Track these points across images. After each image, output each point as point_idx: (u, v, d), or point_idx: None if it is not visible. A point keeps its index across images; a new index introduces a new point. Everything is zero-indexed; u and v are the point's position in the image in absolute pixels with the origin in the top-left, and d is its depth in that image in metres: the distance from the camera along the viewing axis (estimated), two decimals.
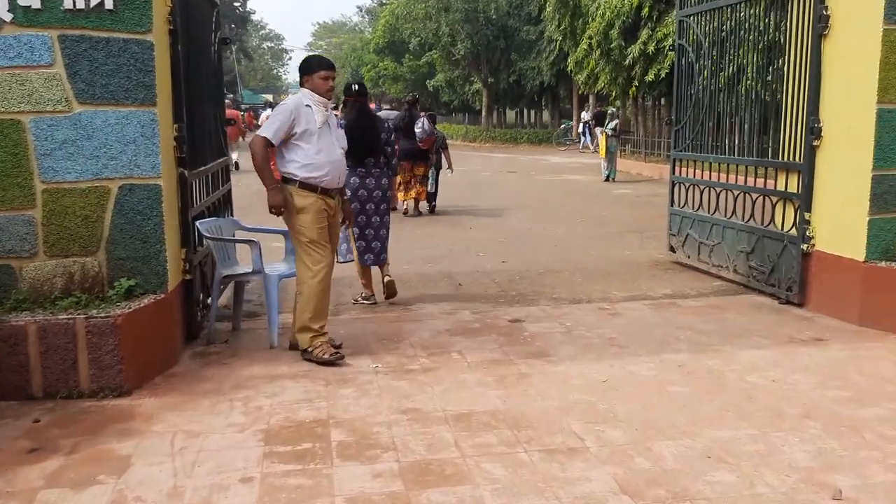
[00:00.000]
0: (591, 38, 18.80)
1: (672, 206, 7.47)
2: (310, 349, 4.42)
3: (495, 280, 6.77)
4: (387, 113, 13.82)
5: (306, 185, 4.41)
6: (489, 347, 4.66)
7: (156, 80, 4.18)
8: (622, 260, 7.69)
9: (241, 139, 21.55)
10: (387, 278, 5.83)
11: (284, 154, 4.43)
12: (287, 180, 4.44)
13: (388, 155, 5.67)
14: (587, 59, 19.63)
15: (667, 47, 16.13)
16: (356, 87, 5.70)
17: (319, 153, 4.40)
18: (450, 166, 11.97)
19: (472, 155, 28.39)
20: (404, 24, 36.22)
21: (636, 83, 17.87)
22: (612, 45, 18.03)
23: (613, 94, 19.69)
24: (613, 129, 16.34)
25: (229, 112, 21.41)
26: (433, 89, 42.86)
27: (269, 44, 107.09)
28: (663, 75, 16.65)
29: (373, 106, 18.62)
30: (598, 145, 16.42)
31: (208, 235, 4.78)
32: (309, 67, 4.53)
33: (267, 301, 4.75)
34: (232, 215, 6.47)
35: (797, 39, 5.45)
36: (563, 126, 32.77)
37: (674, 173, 7.49)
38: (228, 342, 4.90)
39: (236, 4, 69.43)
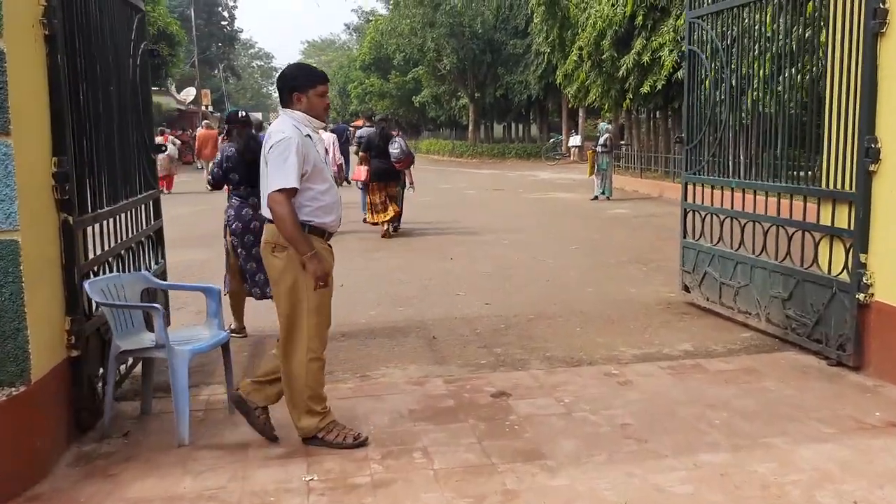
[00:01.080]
0: (581, 49, 17.82)
1: (685, 237, 6.41)
2: (323, 436, 3.50)
3: (476, 330, 5.68)
4: (366, 131, 13.04)
5: (317, 231, 3.54)
6: (465, 442, 3.56)
7: (8, 100, 3.09)
8: (626, 300, 6.61)
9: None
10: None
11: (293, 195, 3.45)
12: None
13: None
14: (577, 71, 18.64)
15: (663, 57, 15.19)
16: (242, 114, 5.58)
17: (328, 192, 3.57)
18: (411, 184, 11.09)
19: (458, 171, 27.41)
20: (389, 39, 35.34)
21: (630, 95, 16.88)
22: (603, 56, 17.04)
23: (605, 106, 18.70)
24: (604, 145, 15.35)
25: (206, 133, 20.41)
26: (419, 105, 42.01)
27: (258, 62, 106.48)
28: (659, 86, 15.68)
29: (359, 123, 17.68)
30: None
31: (100, 300, 3.67)
32: (301, 82, 3.55)
33: (173, 385, 3.62)
34: (163, 258, 5.37)
35: (844, 39, 4.41)
36: (552, 140, 31.84)
37: (686, 199, 6.44)
38: (129, 434, 3.78)
39: (224, 24, 68.64)
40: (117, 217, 4.42)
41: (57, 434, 3.51)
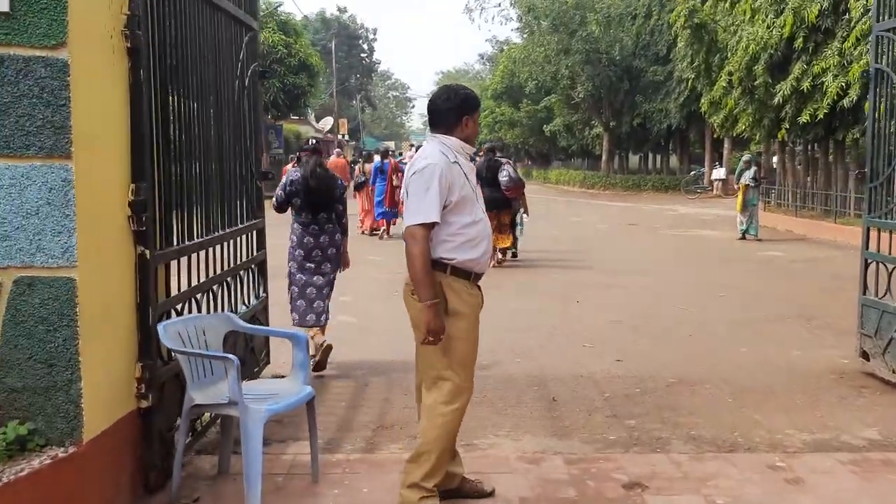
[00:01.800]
0: (730, 74, 16.48)
1: (865, 293, 5.32)
2: None
3: (605, 394, 4.88)
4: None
5: (460, 272, 3.11)
6: None
7: (71, 119, 2.72)
8: (789, 366, 5.57)
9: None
10: (325, 342, 5.34)
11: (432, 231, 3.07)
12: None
13: (339, 213, 5.48)
14: (725, 98, 17.26)
15: (826, 84, 13.68)
16: (313, 141, 5.82)
17: (474, 225, 3.14)
18: (525, 210, 11.17)
19: (590, 203, 26.37)
20: (521, 67, 34.94)
21: (786, 125, 15.36)
22: (756, 83, 15.64)
23: (756, 137, 17.18)
24: (754, 179, 13.93)
25: (335, 161, 20.45)
26: (550, 134, 41.27)
27: (394, 93, 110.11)
28: (821, 116, 14.13)
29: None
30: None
31: (171, 346, 3.23)
32: (472, 104, 3.23)
33: (244, 450, 3.10)
34: (264, 292, 4.99)
35: None
36: (693, 172, 30.07)
37: (867, 247, 5.35)
38: (199, 500, 3.31)
39: (363, 56, 71.24)
40: (210, 249, 4.04)
41: (116, 497, 3.08)
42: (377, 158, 15.16)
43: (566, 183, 39.92)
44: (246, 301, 4.70)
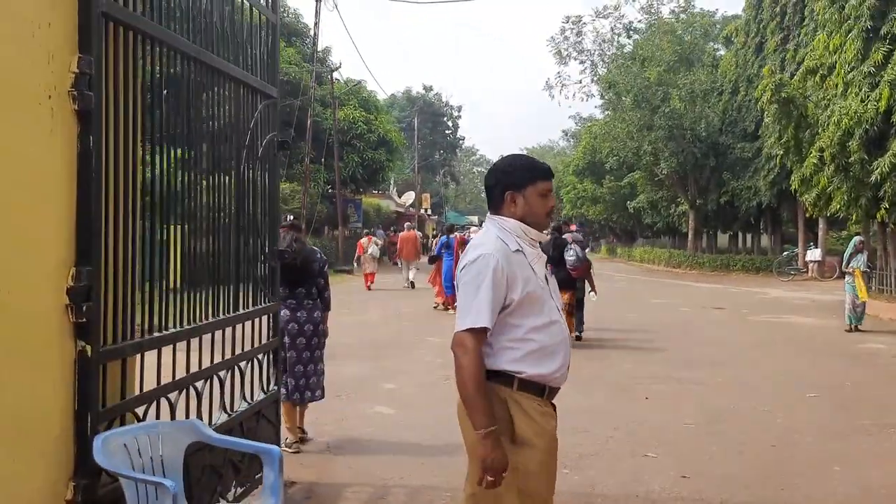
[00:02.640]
0: (822, 150, 15.37)
1: None
2: None
3: None
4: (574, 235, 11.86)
5: (529, 387, 2.49)
6: None
7: None
8: (891, 495, 4.55)
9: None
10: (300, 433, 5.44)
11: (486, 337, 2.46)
12: (491, 379, 2.49)
13: (320, 287, 5.44)
14: (817, 175, 16.09)
15: None
16: (291, 217, 5.96)
17: (549, 327, 2.54)
18: (593, 289, 10.78)
19: (674, 284, 25.06)
20: (603, 143, 34.42)
21: (886, 204, 14.07)
22: (850, 159, 14.50)
23: (854, 216, 15.86)
24: (868, 265, 12.55)
25: (406, 235, 20.49)
26: (634, 210, 40.24)
27: (478, 168, 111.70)
28: None
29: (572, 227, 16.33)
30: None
31: (102, 462, 2.69)
32: (518, 177, 2.61)
33: None
34: (275, 385, 4.46)
35: None
36: (786, 253, 28.32)
37: None
38: None
39: (447, 133, 72.64)
40: (193, 340, 3.54)
41: None
42: (444, 235, 14.83)
43: (651, 261, 38.53)
44: (249, 396, 4.18)
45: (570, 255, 9.96)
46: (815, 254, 25.73)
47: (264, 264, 4.44)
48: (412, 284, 19.61)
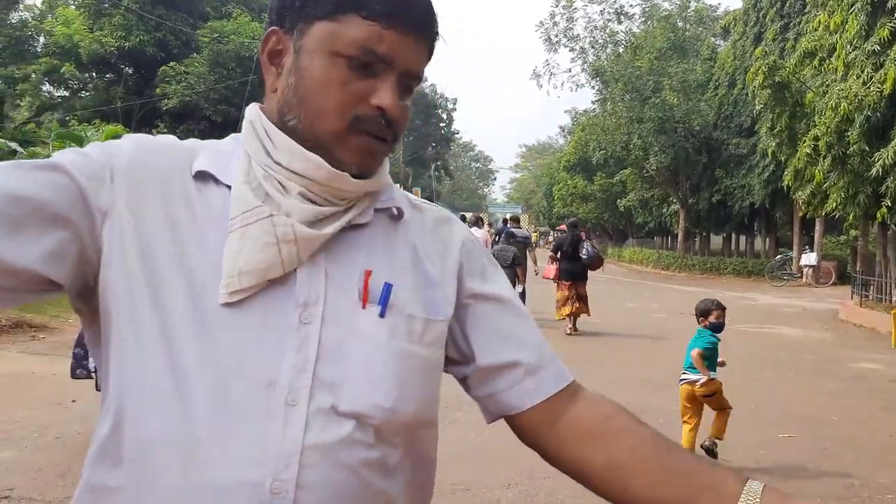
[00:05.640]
0: (816, 139, 13.64)
1: None
2: None
3: None
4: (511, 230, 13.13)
5: None
6: None
7: None
8: None
9: None
10: None
11: None
12: None
13: None
14: (811, 169, 14.37)
15: None
16: None
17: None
18: (522, 280, 11.73)
19: (659, 287, 23.40)
20: (591, 135, 32.72)
21: (887, 202, 12.38)
22: (849, 150, 12.79)
23: (851, 216, 14.15)
24: None
25: None
26: (625, 209, 38.58)
27: (476, 164, 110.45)
28: None
29: (563, 228, 16.51)
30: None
31: None
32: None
33: None
34: None
35: None
36: (779, 256, 26.62)
37: None
38: None
39: (441, 125, 70.97)
40: None
41: None
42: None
43: (640, 262, 36.87)
44: None
45: (583, 253, 11.11)
46: (810, 258, 24.02)
47: None
48: None
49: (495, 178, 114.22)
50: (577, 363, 8.71)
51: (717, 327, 5.31)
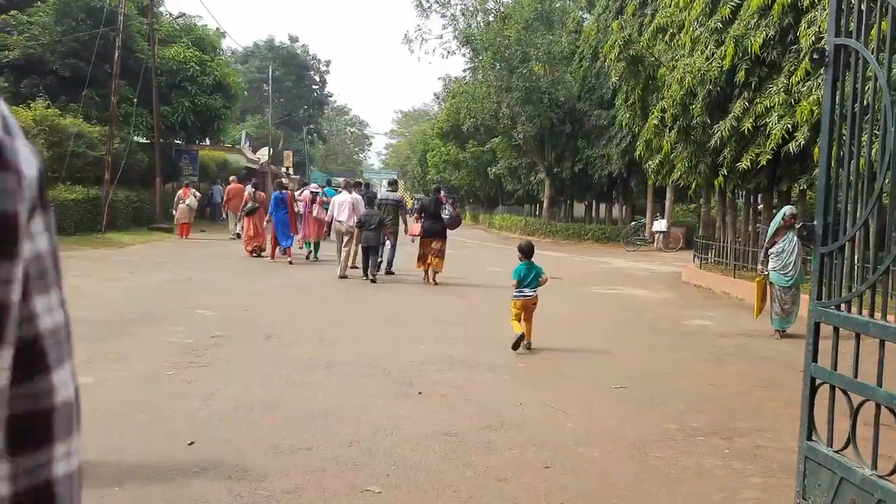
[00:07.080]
0: (663, 111, 14.51)
1: (810, 437, 3.05)
2: None
3: None
4: (386, 193, 15.38)
5: None
6: None
7: None
8: None
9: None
10: None
11: None
12: None
13: None
14: (658, 139, 15.29)
15: (769, 125, 11.76)
16: None
17: None
18: (390, 238, 13.70)
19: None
20: (461, 103, 33.04)
21: (724, 171, 13.39)
22: (692, 122, 13.70)
23: (694, 184, 15.19)
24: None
25: (233, 187, 20.39)
26: (495, 177, 39.39)
27: (352, 129, 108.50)
28: (763, 162, 12.18)
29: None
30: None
31: None
32: None
33: None
34: None
35: None
36: (633, 223, 28.19)
37: (816, 358, 3.09)
38: None
39: (314, 88, 69.12)
40: None
41: None
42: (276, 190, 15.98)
43: (508, 228, 37.90)
44: None
45: (445, 214, 12.93)
46: (660, 224, 25.62)
47: None
48: (238, 235, 20.36)
49: (371, 144, 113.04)
50: (451, 318, 8.91)
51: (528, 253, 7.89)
